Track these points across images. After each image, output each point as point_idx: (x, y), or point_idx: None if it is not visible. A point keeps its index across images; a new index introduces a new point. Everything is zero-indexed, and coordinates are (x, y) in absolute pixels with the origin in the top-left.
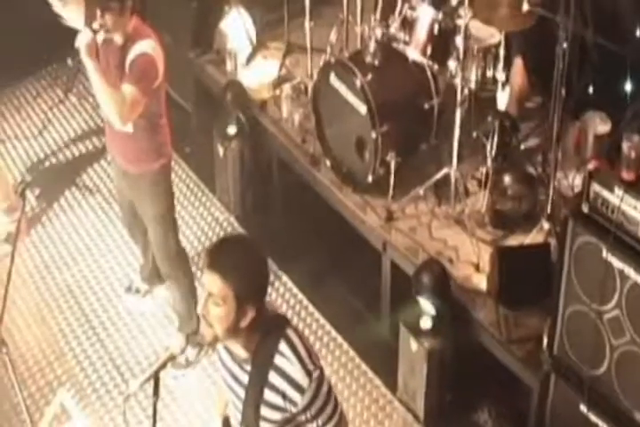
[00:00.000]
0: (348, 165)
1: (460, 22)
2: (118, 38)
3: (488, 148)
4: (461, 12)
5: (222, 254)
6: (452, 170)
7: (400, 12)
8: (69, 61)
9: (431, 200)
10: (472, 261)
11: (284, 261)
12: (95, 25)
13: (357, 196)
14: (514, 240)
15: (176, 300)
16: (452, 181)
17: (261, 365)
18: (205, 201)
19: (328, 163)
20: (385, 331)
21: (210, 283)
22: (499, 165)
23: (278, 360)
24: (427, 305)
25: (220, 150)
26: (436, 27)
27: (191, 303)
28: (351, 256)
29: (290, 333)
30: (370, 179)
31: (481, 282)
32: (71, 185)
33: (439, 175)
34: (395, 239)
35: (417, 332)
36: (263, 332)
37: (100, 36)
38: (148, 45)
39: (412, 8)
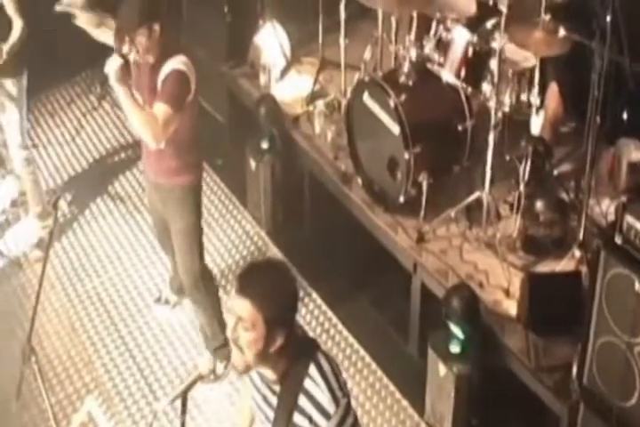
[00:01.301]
0: (379, 184)
1: (495, 45)
2: (149, 58)
3: (521, 172)
4: (496, 35)
5: (253, 279)
6: (484, 193)
7: (435, 33)
8: (98, 88)
9: (462, 223)
10: (502, 286)
11: (314, 277)
12: (125, 49)
13: (389, 215)
14: (545, 266)
15: (199, 317)
16: (484, 204)
17: (291, 388)
18: (236, 214)
19: (360, 181)
20: (413, 352)
21: (239, 307)
22: (531, 190)
23: (308, 384)
24: (456, 330)
25: (253, 164)
26: (471, 49)
27: (214, 320)
28: (381, 276)
29: (320, 357)
30: (402, 199)
31: (511, 308)
32: (103, 192)
33: (471, 198)
34: (425, 261)
35: (445, 356)
36: (292, 355)
37: (131, 57)
38: (179, 61)
39: (447, 29)
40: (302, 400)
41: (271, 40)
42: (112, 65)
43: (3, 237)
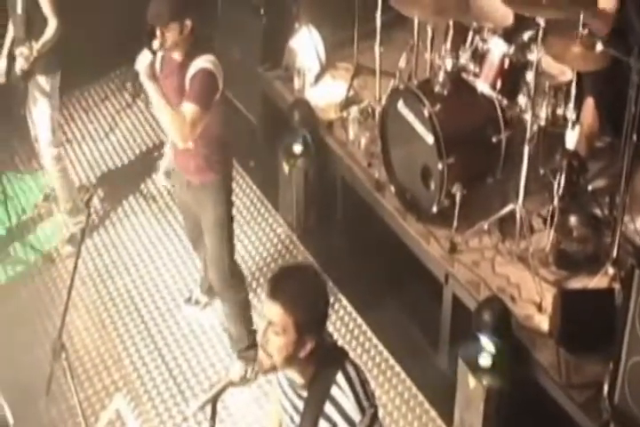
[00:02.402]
0: (412, 193)
1: (532, 58)
2: (177, 55)
3: (555, 186)
4: (533, 47)
5: (284, 284)
6: (517, 206)
7: (471, 43)
8: (129, 87)
9: (495, 235)
10: (534, 301)
11: (344, 283)
12: (155, 45)
13: (421, 224)
14: (577, 282)
15: (227, 316)
16: (518, 217)
17: (318, 394)
18: (268, 217)
19: (393, 189)
20: (443, 362)
21: (270, 312)
22: (565, 205)
23: (334, 391)
24: (487, 343)
25: (285, 168)
26: (507, 60)
27: (242, 321)
28: (412, 284)
29: (348, 366)
30: (434, 209)
31: (542, 323)
32: (136, 190)
33: (505, 211)
34: (457, 271)
35: (476, 369)
36: (320, 362)
37: (160, 54)
38: (207, 60)
39: (484, 40)
40: (328, 407)
41: (306, 44)
42: (142, 61)
43: (35, 231)
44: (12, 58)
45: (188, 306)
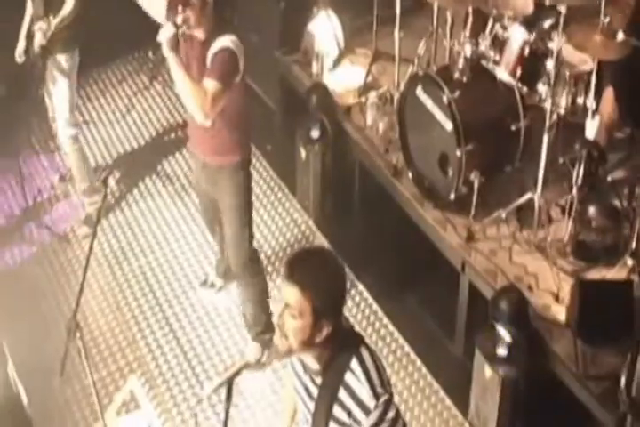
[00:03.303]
0: (430, 180)
1: (552, 46)
2: (200, 34)
3: (574, 176)
4: (554, 35)
5: (302, 266)
6: (535, 195)
7: (491, 31)
8: (150, 55)
9: (513, 224)
10: (552, 291)
11: (360, 270)
12: (178, 20)
13: (438, 211)
14: (595, 273)
15: (244, 299)
16: (536, 206)
17: (332, 380)
18: (285, 201)
19: (410, 175)
20: (459, 351)
21: (288, 294)
22: (584, 195)
23: (348, 377)
24: (503, 332)
25: (303, 153)
26: (527, 48)
27: (259, 305)
28: (428, 271)
29: (363, 352)
30: (452, 196)
31: (560, 313)
32: (152, 172)
33: (523, 199)
34: (474, 260)
35: (492, 358)
36: (336, 347)
37: (182, 31)
38: (229, 40)
39: (504, 27)
40: (342, 393)
41: (325, 28)
42: (165, 34)
43: (50, 212)
44: (30, 38)
45: (204, 289)
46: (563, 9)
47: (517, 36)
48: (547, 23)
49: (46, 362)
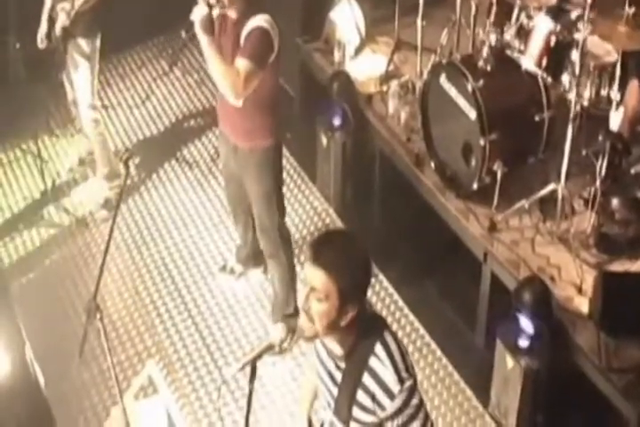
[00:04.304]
0: (452, 169)
1: (578, 37)
2: (233, 13)
3: (597, 168)
4: (580, 25)
5: (327, 249)
6: (559, 186)
7: (517, 20)
8: (183, 34)
9: (536, 215)
10: (574, 283)
11: (381, 259)
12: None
13: (460, 201)
14: (618, 265)
15: (274, 280)
16: (559, 197)
17: (356, 364)
18: (304, 189)
19: (432, 164)
20: (480, 342)
21: (313, 278)
22: (607, 187)
23: (372, 362)
24: (526, 323)
25: (324, 140)
26: (553, 38)
27: (289, 286)
28: (450, 261)
29: (387, 336)
30: (475, 186)
31: (582, 305)
32: (171, 158)
33: (546, 190)
34: (496, 250)
35: (514, 349)
36: (361, 331)
37: (216, 11)
38: (263, 19)
39: (530, 17)
40: (366, 378)
41: (347, 17)
42: (198, 13)
43: (69, 195)
44: (52, 22)
45: (223, 275)
46: None
47: (543, 26)
48: (573, 14)
49: (64, 345)
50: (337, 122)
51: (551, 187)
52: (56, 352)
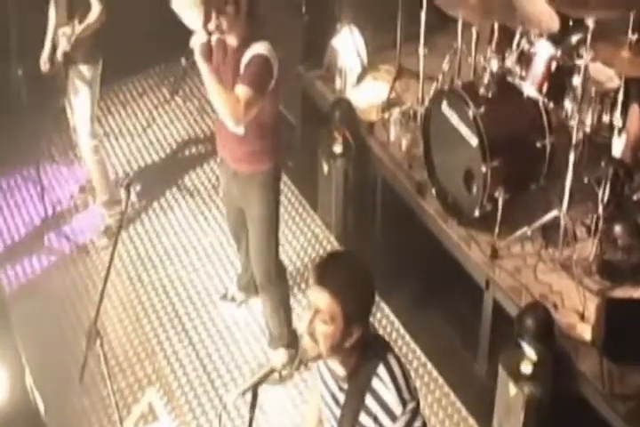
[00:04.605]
0: (454, 196)
1: (580, 62)
2: (233, 40)
3: (600, 195)
4: (582, 51)
5: (332, 270)
6: (561, 213)
7: (517, 46)
8: (183, 61)
9: (538, 242)
10: (577, 309)
11: (382, 287)
12: (211, 26)
13: (462, 228)
14: (621, 292)
15: (267, 312)
16: (561, 224)
17: (359, 386)
18: (306, 217)
19: (434, 191)
20: (482, 369)
21: (318, 299)
22: (610, 214)
23: (375, 383)
24: (529, 350)
25: (325, 168)
26: (554, 64)
27: (282, 318)
28: (452, 289)
29: (391, 358)
30: (477, 213)
31: (585, 332)
32: (172, 186)
33: (548, 217)
34: (498, 277)
35: (516, 376)
36: (364, 353)
37: (215, 37)
38: (262, 47)
39: (531, 42)
40: (369, 399)
41: (348, 44)
42: (197, 40)
43: (70, 222)
44: (54, 47)
45: (224, 302)
46: (590, 23)
47: (544, 52)
48: (574, 38)
49: (64, 372)
50: (338, 149)
51: (553, 214)
52: (56, 379)
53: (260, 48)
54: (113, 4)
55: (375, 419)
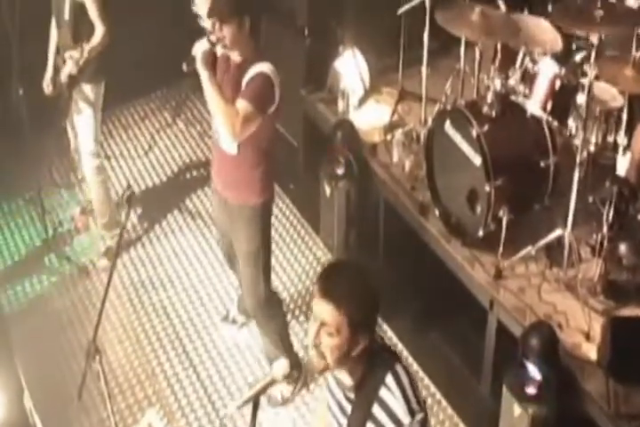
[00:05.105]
0: (457, 216)
1: (584, 81)
2: (236, 57)
3: (604, 214)
4: (586, 69)
5: (335, 282)
6: (565, 233)
7: (521, 64)
8: (184, 67)
9: (542, 262)
10: (582, 330)
11: (385, 308)
12: (212, 37)
13: (466, 249)
14: (627, 312)
15: (264, 342)
16: (566, 244)
17: (366, 395)
18: (308, 240)
19: (437, 212)
20: (485, 390)
21: (323, 312)
22: (614, 234)
23: (383, 393)
24: (533, 370)
25: (327, 190)
26: (558, 82)
27: (278, 345)
28: (455, 310)
29: (399, 368)
30: (480, 233)
31: (590, 352)
32: (173, 208)
33: (552, 236)
34: (502, 298)
35: (521, 396)
36: (371, 362)
37: (219, 51)
38: (266, 67)
39: (534, 61)
40: (376, 409)
41: (351, 67)
42: (200, 48)
43: (71, 243)
44: (56, 69)
45: (225, 324)
46: (594, 39)
47: (548, 70)
48: (578, 56)
49: (63, 393)
50: (341, 171)
51: (557, 233)
52: (55, 400)
53: (263, 67)
54: (115, 28)
55: None
